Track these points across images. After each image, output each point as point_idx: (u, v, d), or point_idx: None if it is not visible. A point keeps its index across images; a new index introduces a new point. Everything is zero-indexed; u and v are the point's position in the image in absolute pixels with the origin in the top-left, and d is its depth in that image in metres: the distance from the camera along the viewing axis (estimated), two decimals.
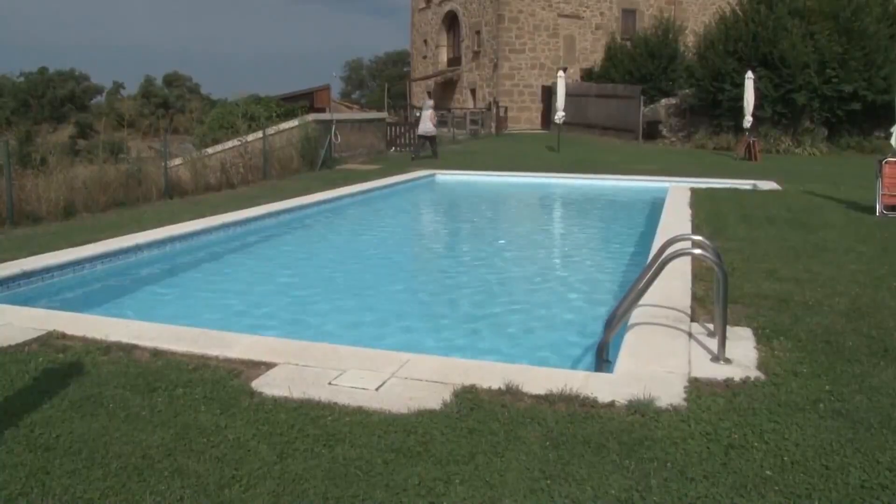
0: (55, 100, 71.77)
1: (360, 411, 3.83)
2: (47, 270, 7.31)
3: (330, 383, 4.21)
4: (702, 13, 41.03)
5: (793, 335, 5.01)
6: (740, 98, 23.37)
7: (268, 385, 4.19)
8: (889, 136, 12.50)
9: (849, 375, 4.30)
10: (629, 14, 41.02)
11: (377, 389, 4.12)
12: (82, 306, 6.57)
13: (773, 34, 25.49)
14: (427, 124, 22.12)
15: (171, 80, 77.73)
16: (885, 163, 10.83)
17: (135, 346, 4.87)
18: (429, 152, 22.18)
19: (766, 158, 21.82)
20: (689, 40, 34.49)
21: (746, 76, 22.92)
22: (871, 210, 10.80)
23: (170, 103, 71.26)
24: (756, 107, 23.18)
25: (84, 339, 5.00)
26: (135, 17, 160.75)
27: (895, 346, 4.79)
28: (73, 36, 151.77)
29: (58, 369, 4.45)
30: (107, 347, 4.84)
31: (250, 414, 3.81)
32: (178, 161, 15.88)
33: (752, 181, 15.10)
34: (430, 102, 24.36)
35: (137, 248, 8.50)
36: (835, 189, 13.81)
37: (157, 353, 4.75)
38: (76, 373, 4.38)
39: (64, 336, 5.08)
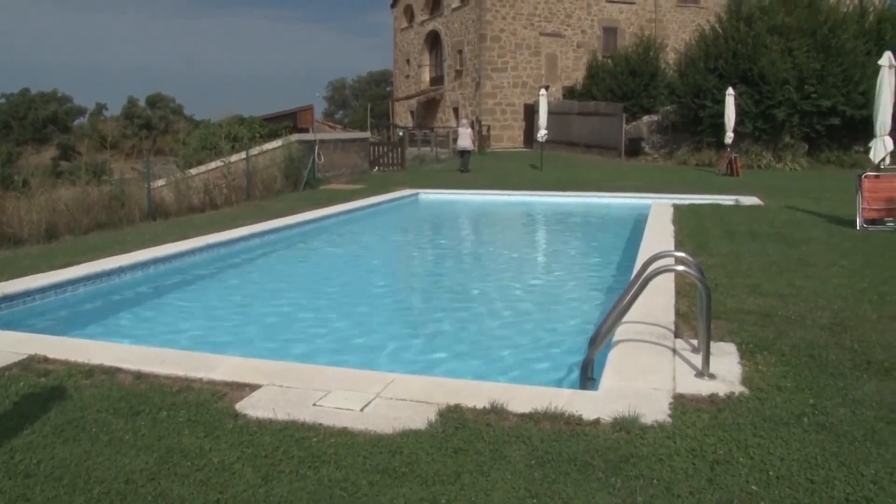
0: (37, 121, 71.42)
1: (344, 432, 3.81)
2: (28, 294, 7.24)
3: (314, 404, 4.19)
4: (682, 31, 41.60)
5: (776, 350, 5.03)
6: (721, 114, 23.61)
7: (252, 407, 4.16)
8: (868, 150, 12.67)
9: (832, 389, 4.33)
10: (610, 32, 41.47)
11: (362, 410, 4.10)
12: (65, 329, 6.51)
13: (752, 51, 25.83)
14: (467, 140, 24.43)
15: (155, 101, 77.53)
16: (865, 177, 10.97)
17: (118, 369, 4.83)
18: (466, 164, 24.01)
19: (747, 174, 22.03)
20: (669, 58, 34.91)
21: (727, 93, 23.16)
22: (852, 224, 10.92)
23: (153, 124, 71.12)
24: (737, 122, 23.44)
25: (66, 363, 4.96)
26: (118, 38, 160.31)
27: (878, 359, 4.83)
28: (55, 57, 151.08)
29: (39, 393, 4.40)
30: (90, 371, 4.79)
31: (235, 436, 3.78)
32: (161, 182, 15.85)
33: (735, 197, 15.23)
34: (466, 121, 26.88)
35: (120, 271, 8.44)
36: (816, 203, 13.95)
37: (140, 376, 4.71)
38: (58, 397, 4.34)
39: (46, 360, 5.03)
